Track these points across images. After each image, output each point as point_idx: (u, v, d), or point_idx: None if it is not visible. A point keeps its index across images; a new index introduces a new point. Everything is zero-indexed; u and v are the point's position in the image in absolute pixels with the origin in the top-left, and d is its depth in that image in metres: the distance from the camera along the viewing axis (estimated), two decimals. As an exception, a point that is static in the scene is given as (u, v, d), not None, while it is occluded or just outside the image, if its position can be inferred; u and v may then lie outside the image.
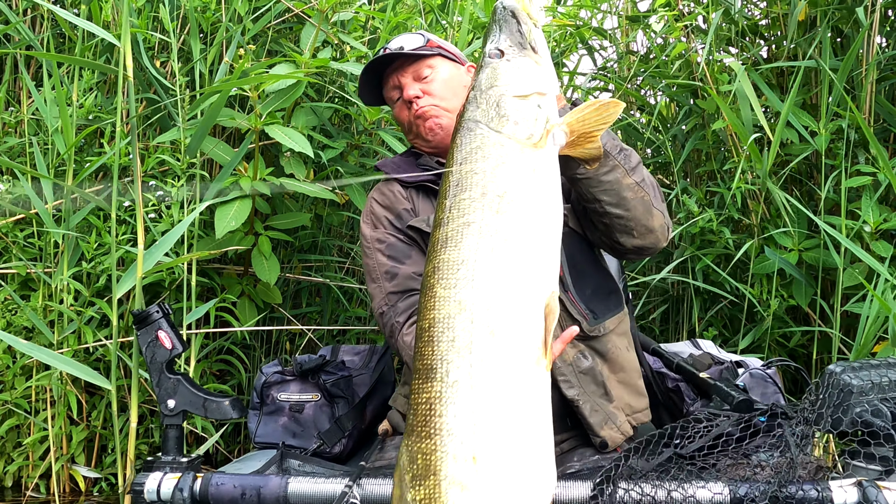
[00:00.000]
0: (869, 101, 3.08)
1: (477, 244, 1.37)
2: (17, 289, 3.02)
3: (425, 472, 1.25)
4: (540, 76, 1.53)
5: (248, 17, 3.20)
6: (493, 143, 1.46)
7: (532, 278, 1.36)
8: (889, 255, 2.73)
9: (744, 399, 1.84)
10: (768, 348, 3.13)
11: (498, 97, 1.50)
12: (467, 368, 1.28)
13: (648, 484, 1.48)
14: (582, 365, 1.93)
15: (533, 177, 1.43)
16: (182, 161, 2.86)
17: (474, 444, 1.24)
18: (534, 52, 1.56)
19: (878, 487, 1.40)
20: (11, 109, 3.23)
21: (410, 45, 2.12)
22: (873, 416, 1.44)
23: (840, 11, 3.16)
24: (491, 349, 1.29)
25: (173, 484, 1.70)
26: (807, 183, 3.28)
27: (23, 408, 3.03)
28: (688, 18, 3.38)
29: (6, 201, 2.98)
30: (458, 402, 1.26)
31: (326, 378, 2.39)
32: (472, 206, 1.40)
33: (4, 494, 3.08)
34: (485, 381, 1.27)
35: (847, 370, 1.49)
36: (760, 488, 1.43)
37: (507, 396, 1.27)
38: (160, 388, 1.84)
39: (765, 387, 2.13)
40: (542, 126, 1.47)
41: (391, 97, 2.19)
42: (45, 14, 3.29)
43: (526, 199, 1.41)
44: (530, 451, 1.27)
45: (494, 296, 1.33)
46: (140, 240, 2.49)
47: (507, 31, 1.56)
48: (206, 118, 2.74)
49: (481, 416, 1.25)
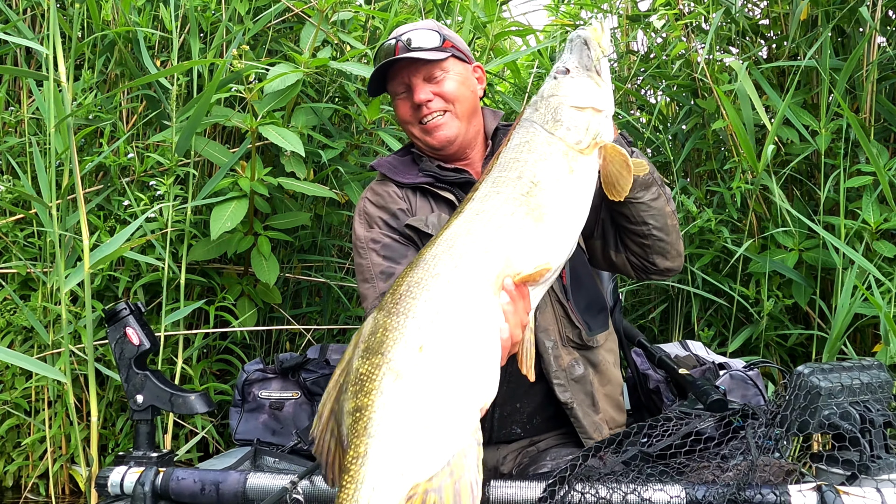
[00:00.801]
0: (870, 101, 3.07)
1: (499, 205, 1.52)
2: (17, 288, 3.03)
3: (377, 348, 1.34)
4: (598, 95, 1.65)
5: (249, 17, 3.20)
6: (543, 140, 1.60)
7: (535, 243, 1.50)
8: (893, 254, 2.73)
9: (718, 399, 1.84)
10: (766, 348, 3.12)
11: (556, 104, 1.63)
12: (452, 268, 1.43)
13: (604, 486, 1.46)
14: (575, 372, 1.99)
15: (569, 177, 1.56)
16: (171, 160, 2.87)
17: (428, 333, 1.34)
18: (597, 75, 1.68)
19: (837, 492, 1.38)
20: (11, 109, 3.23)
21: (425, 42, 2.06)
22: (841, 419, 1.42)
23: (842, 11, 3.15)
24: (477, 262, 1.44)
25: (135, 478, 1.73)
26: (807, 183, 3.27)
27: (22, 408, 3.03)
28: (688, 18, 3.38)
29: (6, 201, 2.98)
30: (432, 290, 1.39)
31: (307, 376, 2.41)
32: (506, 182, 1.55)
33: (4, 495, 3.08)
34: (462, 282, 1.41)
35: (816, 372, 1.47)
36: (718, 491, 1.41)
37: (472, 304, 1.40)
38: (128, 384, 1.86)
39: (745, 388, 2.13)
40: (590, 137, 1.60)
41: (396, 90, 2.13)
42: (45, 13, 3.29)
43: (556, 192, 1.54)
44: (474, 362, 1.35)
45: (500, 236, 1.48)
46: (84, 236, 2.56)
47: (576, 54, 1.69)
48: (193, 118, 2.74)
49: (446, 309, 1.37)
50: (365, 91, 3.40)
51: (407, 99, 2.09)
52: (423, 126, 2.07)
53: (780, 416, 1.44)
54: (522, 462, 2.01)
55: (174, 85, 2.90)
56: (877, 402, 1.43)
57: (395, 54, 2.05)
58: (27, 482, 3.09)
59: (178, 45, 3.12)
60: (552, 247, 1.52)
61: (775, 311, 3.04)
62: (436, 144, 2.07)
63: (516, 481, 1.55)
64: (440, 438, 1.27)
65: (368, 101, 3.23)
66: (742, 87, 2.98)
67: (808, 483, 1.41)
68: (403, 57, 2.03)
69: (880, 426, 1.41)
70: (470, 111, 2.09)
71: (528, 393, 2.00)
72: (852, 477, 1.40)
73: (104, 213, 3.14)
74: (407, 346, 1.33)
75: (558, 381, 1.95)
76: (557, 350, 1.98)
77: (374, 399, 1.30)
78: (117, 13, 3.15)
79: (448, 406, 1.30)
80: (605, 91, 1.67)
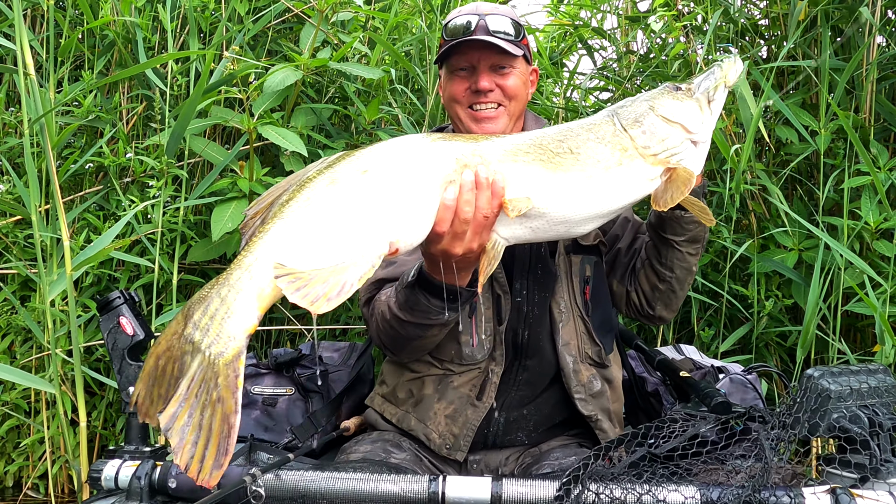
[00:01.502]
0: (869, 101, 3.08)
1: (529, 144, 1.56)
2: (16, 289, 3.02)
3: (332, 164, 1.47)
4: (695, 119, 1.61)
5: (248, 17, 3.20)
6: (610, 130, 1.59)
7: (536, 178, 1.53)
8: (893, 254, 2.74)
9: (722, 401, 1.85)
10: (765, 348, 3.13)
11: (647, 108, 1.61)
12: (430, 137, 1.55)
13: (618, 486, 1.46)
14: (594, 388, 2.01)
15: (614, 169, 1.56)
16: (162, 161, 2.86)
17: (376, 164, 1.46)
18: (707, 102, 1.64)
19: (851, 495, 1.38)
20: (11, 109, 3.23)
21: (506, 30, 1.99)
22: (851, 422, 1.42)
23: (840, 11, 3.15)
24: (460, 143, 1.53)
25: (131, 472, 1.65)
26: (807, 183, 3.28)
27: (21, 409, 3.03)
28: (687, 19, 3.38)
29: (6, 202, 2.98)
30: (394, 143, 1.52)
31: (301, 372, 2.35)
32: (549, 142, 1.57)
33: (4, 494, 3.08)
34: (429, 142, 1.53)
35: (826, 375, 1.47)
36: (733, 493, 1.41)
37: (427, 162, 1.49)
38: (121, 376, 1.78)
39: (745, 392, 2.14)
40: (663, 149, 1.58)
41: (457, 65, 2.03)
42: (45, 13, 3.28)
43: (593, 172, 1.54)
44: (406, 203, 1.45)
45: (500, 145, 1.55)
46: (64, 235, 2.56)
47: (699, 78, 1.67)
48: (181, 119, 2.73)
49: (401, 155, 1.49)
50: (364, 92, 3.41)
51: (466, 79, 2.02)
52: (472, 112, 2.01)
53: (791, 419, 1.44)
54: (525, 462, 2.01)
55: (169, 88, 2.90)
56: (884, 406, 1.44)
57: (472, 32, 1.97)
58: (27, 482, 3.09)
59: (178, 46, 3.11)
60: (549, 194, 1.52)
61: (775, 311, 3.05)
62: (475, 131, 2.01)
63: (528, 480, 1.52)
64: (339, 245, 1.37)
65: (368, 102, 3.22)
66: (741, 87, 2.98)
67: (822, 486, 1.42)
68: (482, 39, 1.95)
69: (889, 430, 1.41)
70: (519, 112, 2.06)
71: (536, 400, 2.01)
72: (863, 480, 1.40)
73: (104, 212, 3.14)
74: (353, 165, 1.45)
75: (580, 395, 1.98)
76: (577, 365, 1.99)
77: (302, 193, 1.42)
78: (117, 14, 3.14)
79: (362, 223, 1.40)
80: (704, 118, 1.62)
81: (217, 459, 1.27)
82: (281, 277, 1.31)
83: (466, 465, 2.00)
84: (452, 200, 1.48)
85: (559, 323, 1.99)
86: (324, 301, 1.29)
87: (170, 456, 1.69)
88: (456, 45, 1.98)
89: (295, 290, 1.29)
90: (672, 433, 1.55)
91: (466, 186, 1.48)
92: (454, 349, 1.97)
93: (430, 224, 1.49)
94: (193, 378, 1.30)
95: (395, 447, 1.97)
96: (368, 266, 1.37)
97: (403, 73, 3.61)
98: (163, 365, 1.33)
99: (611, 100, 4.30)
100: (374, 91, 3.38)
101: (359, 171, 1.45)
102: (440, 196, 1.49)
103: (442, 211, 1.49)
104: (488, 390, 1.96)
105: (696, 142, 1.62)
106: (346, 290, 1.32)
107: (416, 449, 2.00)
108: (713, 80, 1.66)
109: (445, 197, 1.48)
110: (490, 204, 1.49)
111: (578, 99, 4.14)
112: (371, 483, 1.53)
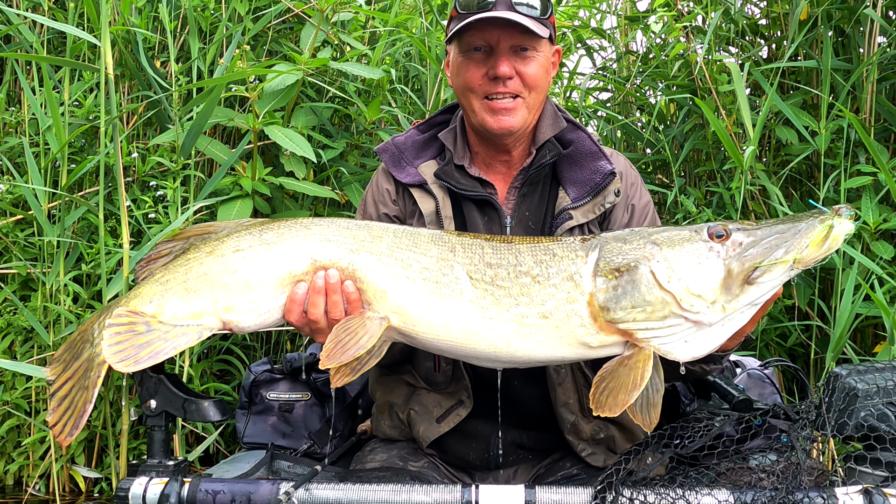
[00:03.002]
0: (870, 101, 3.08)
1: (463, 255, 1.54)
2: (17, 289, 3.02)
3: (209, 233, 1.66)
4: (707, 292, 1.30)
5: (249, 17, 3.20)
6: (576, 269, 1.42)
7: (431, 306, 1.50)
8: (890, 256, 2.73)
9: (744, 399, 1.82)
10: (766, 347, 3.12)
11: (643, 256, 1.37)
12: (306, 237, 1.60)
13: (651, 491, 1.43)
14: (598, 436, 1.88)
15: (536, 319, 1.43)
16: (177, 162, 2.86)
17: (249, 250, 1.59)
18: (742, 279, 1.29)
19: (884, 495, 1.36)
20: (12, 109, 3.23)
21: (530, 4, 1.73)
22: (878, 420, 1.40)
23: (842, 11, 3.15)
24: (337, 247, 1.58)
25: (160, 490, 1.63)
26: (806, 183, 3.28)
27: (22, 408, 3.03)
28: (686, 19, 3.38)
29: (6, 202, 2.98)
30: (274, 242, 1.60)
31: (317, 377, 2.32)
32: (477, 261, 1.51)
33: (5, 493, 3.08)
34: (296, 245, 1.58)
35: (852, 373, 1.44)
36: (767, 496, 1.38)
37: (284, 262, 1.57)
38: (142, 388, 1.77)
39: (762, 387, 2.11)
40: (634, 318, 1.33)
41: (472, 43, 1.76)
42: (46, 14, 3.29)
43: (535, 307, 1.44)
44: (256, 291, 1.56)
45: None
46: (125, 240, 2.53)
47: (764, 228, 1.33)
48: (198, 118, 2.74)
49: (273, 250, 1.59)
50: (365, 92, 3.41)
51: (482, 63, 1.77)
52: (488, 102, 1.78)
53: (821, 419, 1.42)
54: (539, 473, 1.93)
55: (175, 86, 2.90)
56: (909, 403, 1.42)
57: (492, 6, 1.70)
58: (28, 482, 3.09)
59: (178, 46, 3.12)
60: (419, 319, 1.48)
61: (774, 311, 3.04)
62: (496, 129, 1.79)
63: (562, 487, 1.49)
64: (186, 310, 1.56)
65: (369, 102, 3.23)
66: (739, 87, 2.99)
67: (854, 486, 1.39)
68: (503, 17, 1.68)
69: (915, 427, 1.39)
70: (540, 103, 1.85)
71: (531, 420, 1.91)
72: (893, 478, 1.38)
73: (105, 212, 3.13)
74: (236, 243, 1.59)
75: (585, 452, 1.85)
76: (579, 423, 1.85)
77: (188, 254, 1.61)
78: (117, 14, 3.15)
79: (210, 298, 1.55)
80: (722, 299, 1.29)
81: (72, 429, 1.56)
82: (112, 326, 1.52)
83: (474, 478, 1.94)
84: (300, 296, 1.53)
85: (556, 383, 1.83)
86: (132, 363, 1.49)
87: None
88: (473, 22, 1.70)
89: (112, 343, 1.50)
90: (697, 433, 1.53)
91: (315, 288, 1.51)
92: (427, 366, 1.90)
93: (275, 314, 1.57)
94: (81, 364, 1.60)
95: (412, 454, 1.92)
96: (195, 338, 1.55)
97: (404, 73, 3.61)
98: (76, 340, 1.64)
99: (610, 100, 4.30)
100: (374, 91, 3.39)
101: (235, 249, 1.58)
102: (289, 291, 1.54)
103: (289, 303, 1.54)
104: (450, 418, 1.86)
105: (698, 322, 1.32)
106: (158, 358, 1.51)
107: (432, 456, 1.94)
108: (780, 248, 1.27)
109: (294, 291, 1.53)
110: (339, 309, 1.50)
111: (578, 99, 4.14)
112: (404, 494, 1.53)
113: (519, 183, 1.89)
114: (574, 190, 1.85)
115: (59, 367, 1.64)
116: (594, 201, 1.83)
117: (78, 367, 1.61)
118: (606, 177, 1.83)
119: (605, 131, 4.08)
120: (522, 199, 1.89)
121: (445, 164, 1.89)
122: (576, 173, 1.86)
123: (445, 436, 1.89)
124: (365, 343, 1.46)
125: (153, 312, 1.58)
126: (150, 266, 1.66)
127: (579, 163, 1.87)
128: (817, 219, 1.27)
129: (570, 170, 1.87)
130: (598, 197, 1.84)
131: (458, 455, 1.93)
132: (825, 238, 1.25)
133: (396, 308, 1.49)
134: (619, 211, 1.88)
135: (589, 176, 1.84)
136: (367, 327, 1.48)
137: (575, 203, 1.82)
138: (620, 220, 1.88)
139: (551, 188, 1.91)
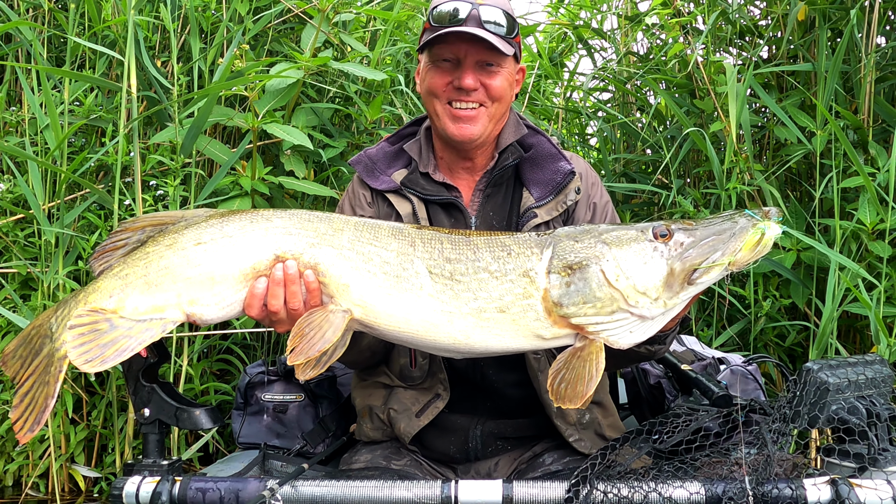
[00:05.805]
0: (868, 102, 3.09)
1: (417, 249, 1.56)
2: (17, 288, 3.03)
3: (173, 228, 1.64)
4: (651, 288, 1.39)
5: (249, 17, 3.21)
6: (532, 265, 1.46)
7: (392, 299, 1.54)
8: (887, 255, 2.74)
9: (723, 394, 1.87)
10: (764, 348, 3.13)
11: (593, 255, 1.43)
12: (266, 226, 1.60)
13: (625, 485, 1.48)
14: (584, 419, 1.96)
15: (512, 313, 1.48)
16: (177, 160, 2.87)
17: (210, 244, 1.59)
18: (683, 277, 1.38)
19: (850, 485, 1.41)
20: (13, 109, 3.23)
21: (498, 22, 1.83)
22: (849, 413, 1.45)
23: (839, 12, 3.16)
24: (296, 238, 1.59)
25: (152, 488, 1.69)
26: (804, 184, 3.29)
27: (22, 407, 3.03)
28: (685, 19, 3.39)
29: (6, 201, 2.98)
30: (235, 228, 1.61)
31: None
32: (436, 255, 1.55)
33: (4, 493, 3.08)
34: (258, 237, 1.59)
35: (824, 368, 1.50)
36: (737, 487, 1.44)
37: (247, 255, 1.58)
38: (136, 397, 1.82)
39: (745, 383, 2.16)
40: (584, 312, 1.41)
41: (441, 55, 1.87)
42: (46, 15, 3.29)
43: (486, 303, 1.50)
44: (220, 284, 1.57)
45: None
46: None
47: (703, 227, 1.41)
48: (198, 118, 2.74)
49: (232, 243, 1.59)
50: (366, 92, 3.42)
51: (448, 72, 1.87)
52: (451, 109, 1.88)
53: (792, 412, 1.46)
54: (520, 468, 1.98)
55: (175, 84, 2.91)
56: (881, 396, 1.46)
57: (462, 21, 1.81)
58: (27, 481, 3.09)
59: (179, 46, 3.12)
60: (383, 312, 1.50)
61: (773, 311, 3.06)
62: (457, 136, 1.89)
63: (538, 481, 1.56)
64: (147, 305, 1.56)
65: (369, 101, 3.24)
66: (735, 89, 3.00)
67: (822, 477, 1.44)
68: (471, 33, 1.79)
69: (885, 420, 1.43)
70: (502, 115, 1.95)
71: (510, 409, 1.98)
72: (861, 469, 1.42)
73: (105, 212, 3.14)
74: (196, 235, 1.58)
75: (573, 437, 1.92)
76: (564, 409, 1.88)
77: (145, 248, 1.61)
78: (118, 13, 3.15)
79: (172, 291, 1.56)
80: (664, 296, 1.39)
81: (33, 424, 1.56)
82: (74, 328, 1.52)
83: (456, 472, 2.01)
84: (260, 291, 1.54)
85: (538, 370, 1.89)
86: (98, 363, 1.49)
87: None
88: (443, 35, 1.82)
89: (77, 346, 1.51)
90: (675, 428, 1.57)
91: (275, 280, 1.53)
92: (401, 364, 1.96)
93: (238, 307, 1.59)
94: (41, 360, 1.60)
95: (395, 453, 1.97)
96: (159, 332, 1.55)
97: (405, 73, 3.62)
98: (32, 335, 1.63)
99: (610, 101, 4.32)
100: (374, 91, 3.40)
101: (196, 242, 1.57)
102: (250, 285, 1.55)
103: (249, 298, 1.55)
104: (429, 411, 1.93)
105: (642, 316, 1.41)
106: (125, 355, 1.52)
107: (414, 453, 2.01)
108: (717, 251, 1.35)
109: (255, 286, 1.54)
110: (297, 300, 1.53)
111: (578, 100, 4.16)
112: (386, 490, 1.58)
113: (483, 185, 2.00)
114: (537, 190, 1.95)
115: (17, 363, 1.63)
116: (556, 199, 1.94)
117: (38, 363, 1.61)
118: (567, 176, 1.95)
119: (605, 131, 4.10)
120: (486, 200, 1.99)
121: (411, 173, 1.99)
122: (537, 174, 1.97)
123: (426, 431, 1.95)
124: (330, 337, 1.50)
125: (114, 307, 1.58)
126: (105, 257, 1.65)
127: (540, 164, 1.98)
128: (750, 222, 1.35)
129: (532, 171, 1.98)
130: (560, 195, 1.95)
131: (439, 450, 2.01)
132: (757, 242, 1.33)
133: (359, 301, 1.53)
134: (581, 209, 1.99)
135: (550, 176, 1.96)
136: (330, 321, 1.52)
137: (539, 202, 1.93)
138: (583, 217, 1.99)
139: (515, 189, 2.01)
